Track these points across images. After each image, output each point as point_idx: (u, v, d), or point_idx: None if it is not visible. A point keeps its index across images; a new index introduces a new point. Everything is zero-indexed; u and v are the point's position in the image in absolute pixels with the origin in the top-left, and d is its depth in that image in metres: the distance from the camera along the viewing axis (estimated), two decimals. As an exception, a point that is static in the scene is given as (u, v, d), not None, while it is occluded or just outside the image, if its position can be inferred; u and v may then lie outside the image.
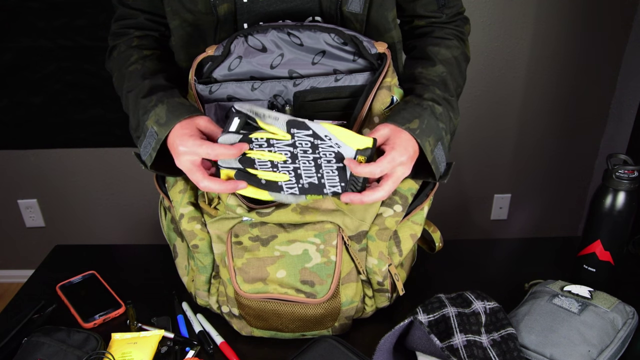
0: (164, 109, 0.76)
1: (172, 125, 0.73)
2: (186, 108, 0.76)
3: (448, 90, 0.84)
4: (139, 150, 0.79)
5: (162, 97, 0.78)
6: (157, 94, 0.79)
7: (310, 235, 0.77)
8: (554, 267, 1.01)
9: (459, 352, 0.75)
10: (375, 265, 0.81)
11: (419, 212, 0.85)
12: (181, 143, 0.71)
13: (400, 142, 0.72)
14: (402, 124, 0.73)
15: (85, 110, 2.02)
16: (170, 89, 0.81)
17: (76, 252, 1.10)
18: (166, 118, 0.74)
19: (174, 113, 0.74)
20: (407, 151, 0.71)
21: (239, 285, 0.77)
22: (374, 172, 0.69)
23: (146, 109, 0.78)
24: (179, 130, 0.72)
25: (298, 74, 0.81)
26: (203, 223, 0.81)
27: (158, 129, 0.75)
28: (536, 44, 1.94)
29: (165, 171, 0.81)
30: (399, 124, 0.73)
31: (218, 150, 0.69)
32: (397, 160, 0.70)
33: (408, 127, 0.73)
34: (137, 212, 2.26)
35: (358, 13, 0.83)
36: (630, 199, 0.85)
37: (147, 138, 0.77)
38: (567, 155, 2.17)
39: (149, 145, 0.76)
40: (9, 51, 1.90)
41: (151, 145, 0.76)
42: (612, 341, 0.76)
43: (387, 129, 0.73)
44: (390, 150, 0.71)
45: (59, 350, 0.78)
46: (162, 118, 0.75)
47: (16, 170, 2.16)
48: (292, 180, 0.73)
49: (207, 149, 0.69)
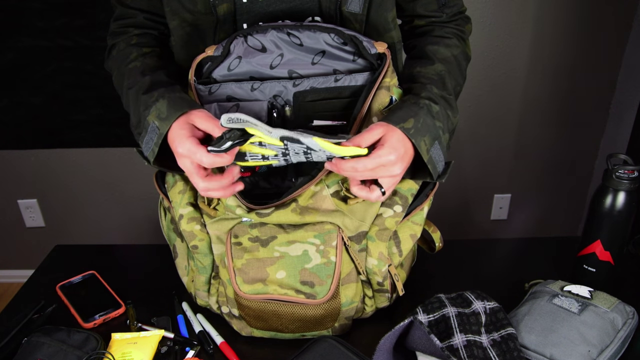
0: (165, 103, 0.76)
1: (173, 119, 0.73)
2: (187, 102, 0.76)
3: (446, 89, 0.83)
4: (141, 146, 0.79)
5: (163, 92, 0.78)
6: (158, 89, 0.79)
7: (310, 236, 0.77)
8: (554, 267, 1.01)
9: (459, 352, 0.75)
10: (375, 265, 0.81)
11: (418, 212, 0.85)
12: (179, 144, 0.71)
13: (390, 141, 0.71)
14: (396, 123, 0.73)
15: (85, 110, 2.02)
16: (171, 85, 0.81)
17: (76, 252, 1.10)
18: (167, 112, 0.74)
19: (175, 107, 0.74)
20: (396, 150, 0.70)
21: (239, 286, 0.77)
22: (356, 167, 0.69)
23: (147, 104, 0.78)
24: (177, 130, 0.72)
25: (298, 74, 0.81)
26: (202, 224, 0.81)
27: (159, 124, 0.74)
28: (536, 44, 1.93)
29: (167, 167, 0.80)
30: (394, 123, 0.73)
31: (212, 159, 0.69)
32: (382, 157, 0.69)
33: (402, 127, 0.73)
34: (137, 212, 2.26)
35: (357, 13, 0.83)
36: (630, 199, 0.85)
37: (149, 133, 0.77)
38: (567, 155, 2.17)
39: (151, 140, 0.76)
40: (9, 51, 1.90)
41: (153, 141, 0.76)
42: (612, 341, 0.76)
43: (380, 128, 0.72)
44: (379, 149, 0.70)
45: (59, 350, 0.78)
46: (163, 112, 0.75)
47: (16, 170, 2.16)
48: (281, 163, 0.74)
49: (202, 156, 0.69)
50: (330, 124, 0.82)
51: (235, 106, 0.81)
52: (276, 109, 0.81)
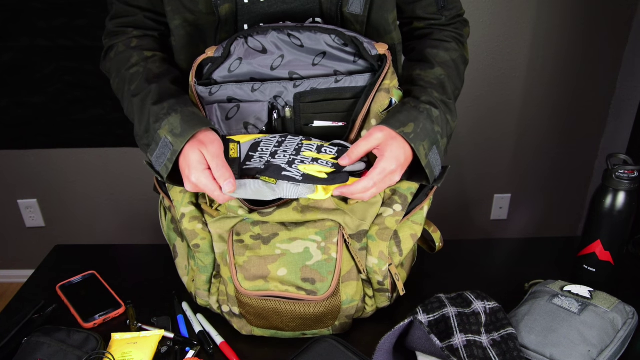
0: (178, 118, 0.75)
1: (187, 137, 0.72)
2: (199, 119, 0.75)
3: (446, 93, 0.84)
4: (150, 158, 0.78)
5: (174, 105, 0.77)
6: (169, 101, 0.78)
7: (311, 233, 0.77)
8: (554, 267, 1.01)
9: (459, 352, 0.75)
10: (376, 264, 0.81)
11: (418, 211, 0.85)
12: (194, 173, 0.71)
13: (391, 150, 0.72)
14: (396, 127, 0.73)
15: (85, 110, 2.02)
16: (181, 96, 0.80)
17: (76, 252, 1.10)
18: (181, 129, 0.73)
19: (189, 124, 0.73)
20: (397, 160, 0.72)
21: (240, 283, 0.77)
22: (367, 186, 0.71)
23: (158, 116, 0.76)
24: (192, 156, 0.72)
25: (298, 75, 0.81)
26: (204, 223, 0.81)
27: (173, 140, 0.73)
28: (536, 44, 1.94)
29: (179, 183, 0.78)
30: (394, 127, 0.73)
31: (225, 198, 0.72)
32: (387, 170, 0.72)
33: (402, 131, 0.73)
34: (137, 212, 2.26)
35: (358, 14, 0.83)
36: (630, 199, 0.85)
37: (161, 148, 0.75)
38: (567, 155, 2.17)
39: (164, 155, 0.75)
40: (9, 51, 1.90)
41: (166, 156, 0.75)
42: (612, 341, 0.76)
43: (380, 133, 0.73)
44: (380, 160, 0.72)
45: (59, 350, 0.78)
46: (177, 128, 0.74)
47: (16, 170, 2.16)
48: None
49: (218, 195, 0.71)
50: (330, 125, 0.82)
51: (235, 107, 0.81)
52: (276, 110, 0.81)
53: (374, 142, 0.73)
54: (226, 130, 0.82)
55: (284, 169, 0.71)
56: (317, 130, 0.82)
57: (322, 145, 0.77)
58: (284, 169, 0.71)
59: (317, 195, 0.71)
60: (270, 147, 0.76)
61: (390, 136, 0.73)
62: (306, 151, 0.75)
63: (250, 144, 0.77)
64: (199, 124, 0.73)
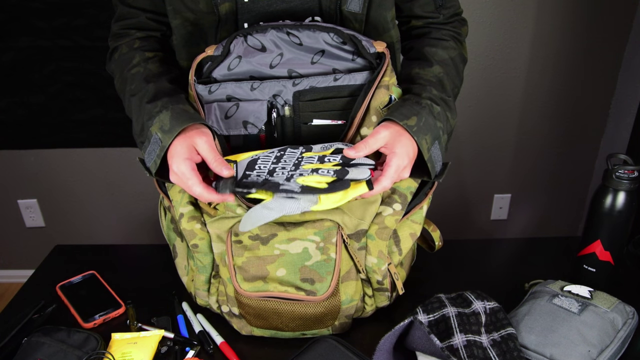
0: (168, 115, 0.75)
1: (175, 133, 0.73)
2: (189, 115, 0.75)
3: (445, 91, 0.84)
4: (143, 155, 0.79)
5: (167, 102, 0.78)
6: (162, 99, 0.79)
7: (310, 233, 0.77)
8: (554, 267, 1.00)
9: (459, 352, 0.75)
10: (375, 264, 0.81)
11: (418, 211, 0.85)
12: (175, 163, 0.71)
13: (401, 147, 0.73)
14: (400, 120, 0.74)
15: (85, 110, 2.02)
16: (176, 94, 0.81)
17: (76, 252, 1.10)
18: (170, 125, 0.74)
19: (178, 120, 0.74)
20: (407, 155, 0.73)
21: (239, 283, 0.77)
22: (386, 187, 0.72)
23: (151, 114, 0.77)
24: (178, 146, 0.72)
25: (297, 74, 0.81)
26: (203, 222, 0.81)
27: (162, 136, 0.74)
28: (536, 44, 1.94)
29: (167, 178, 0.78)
30: (398, 119, 0.74)
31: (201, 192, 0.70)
32: (401, 167, 0.73)
33: (406, 124, 0.74)
34: (137, 212, 2.26)
35: (357, 12, 0.83)
36: (630, 199, 0.85)
37: (152, 144, 0.76)
38: (567, 155, 2.17)
39: (154, 152, 0.76)
40: (9, 51, 1.90)
41: (155, 152, 0.75)
42: (612, 341, 0.76)
43: (386, 131, 0.73)
44: (392, 157, 0.72)
45: (59, 350, 0.78)
46: (166, 125, 0.74)
47: (16, 170, 2.16)
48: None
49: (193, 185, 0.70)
50: (329, 123, 0.82)
51: (235, 106, 0.81)
52: (275, 109, 0.81)
53: (379, 141, 0.73)
54: (225, 129, 0.81)
55: (282, 184, 0.68)
56: (316, 128, 0.82)
57: (324, 156, 0.74)
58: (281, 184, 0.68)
59: (322, 206, 0.69)
60: (268, 164, 0.73)
61: (398, 133, 0.74)
62: (306, 164, 0.72)
63: (247, 162, 0.74)
64: (187, 120, 0.74)
